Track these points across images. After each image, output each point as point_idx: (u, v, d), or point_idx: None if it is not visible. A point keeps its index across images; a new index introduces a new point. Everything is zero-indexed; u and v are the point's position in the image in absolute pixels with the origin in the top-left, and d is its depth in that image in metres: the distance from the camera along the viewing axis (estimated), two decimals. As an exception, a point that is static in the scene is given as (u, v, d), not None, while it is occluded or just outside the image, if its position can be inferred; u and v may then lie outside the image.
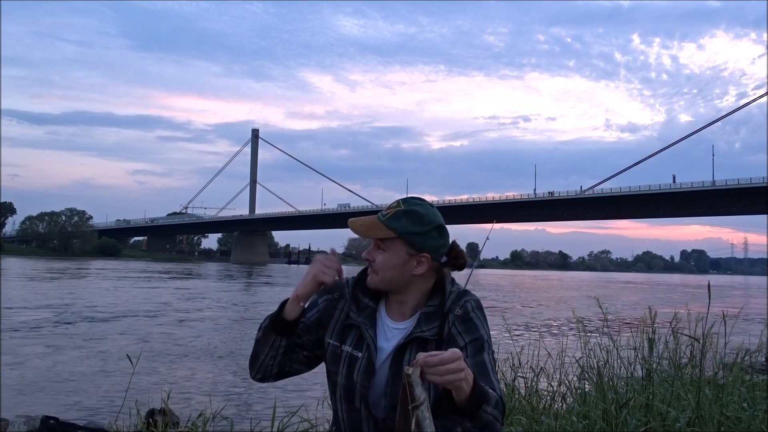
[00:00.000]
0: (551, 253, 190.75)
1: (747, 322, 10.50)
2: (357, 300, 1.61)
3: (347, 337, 1.58)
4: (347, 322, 1.59)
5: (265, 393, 7.37)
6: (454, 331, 1.52)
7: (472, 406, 1.33)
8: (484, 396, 1.36)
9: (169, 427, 3.73)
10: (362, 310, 1.59)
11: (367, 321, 1.57)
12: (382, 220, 1.53)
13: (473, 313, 1.54)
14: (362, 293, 1.62)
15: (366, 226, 1.54)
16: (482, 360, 1.50)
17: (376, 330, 1.57)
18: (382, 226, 1.52)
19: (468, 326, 1.53)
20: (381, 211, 1.57)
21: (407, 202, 1.56)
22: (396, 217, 1.53)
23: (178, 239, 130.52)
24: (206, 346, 11.17)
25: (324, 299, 1.64)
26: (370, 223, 1.54)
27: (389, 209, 1.55)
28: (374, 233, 1.53)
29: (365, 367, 1.53)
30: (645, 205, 72.61)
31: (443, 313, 1.54)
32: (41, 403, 6.56)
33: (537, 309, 21.89)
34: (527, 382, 3.67)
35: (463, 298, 1.56)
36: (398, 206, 1.54)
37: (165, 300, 21.52)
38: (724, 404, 2.88)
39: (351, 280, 1.66)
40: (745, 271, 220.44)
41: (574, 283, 56.75)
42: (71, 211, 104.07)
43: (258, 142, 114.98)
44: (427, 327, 1.53)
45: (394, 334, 1.56)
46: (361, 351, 1.55)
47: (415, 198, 1.59)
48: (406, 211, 1.53)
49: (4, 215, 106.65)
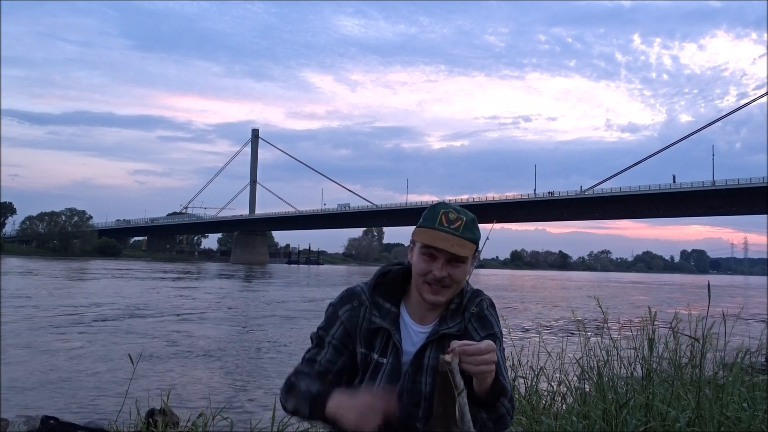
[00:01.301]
0: (551, 253, 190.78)
1: (747, 322, 10.50)
2: (378, 305, 1.60)
3: (374, 343, 1.58)
4: (371, 328, 1.58)
5: (265, 393, 7.38)
6: (470, 328, 1.56)
7: (491, 398, 1.38)
8: (503, 389, 1.41)
9: (169, 427, 3.73)
10: (385, 315, 1.58)
11: (392, 326, 1.57)
12: (460, 234, 1.50)
13: (487, 311, 1.59)
14: (382, 298, 1.60)
15: (458, 246, 1.50)
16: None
17: (400, 335, 1.57)
18: (467, 242, 1.51)
19: (483, 323, 1.57)
20: (437, 222, 1.52)
21: (460, 210, 1.55)
22: (469, 228, 1.53)
23: (178, 239, 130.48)
24: (206, 347, 11.16)
25: (345, 309, 1.61)
26: (458, 242, 1.50)
27: (454, 221, 1.52)
28: (465, 252, 1.50)
29: (389, 372, 1.53)
30: (645, 205, 72.58)
31: (462, 310, 1.58)
32: (41, 403, 6.56)
33: (537, 309, 21.88)
34: (527, 382, 3.67)
35: (479, 297, 1.61)
36: (460, 215, 1.53)
37: (165, 300, 21.52)
38: (724, 404, 2.88)
39: (366, 286, 1.64)
40: (745, 271, 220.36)
41: (576, 283, 56.74)
42: (71, 211, 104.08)
43: (258, 142, 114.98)
44: (453, 323, 1.56)
45: (420, 337, 1.57)
46: (386, 357, 1.55)
47: (452, 203, 1.59)
48: (472, 219, 1.55)
49: (4, 215, 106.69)
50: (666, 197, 68.13)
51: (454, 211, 1.53)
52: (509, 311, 19.57)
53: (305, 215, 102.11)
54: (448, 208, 1.54)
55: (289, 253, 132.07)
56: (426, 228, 1.52)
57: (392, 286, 1.61)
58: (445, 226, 1.51)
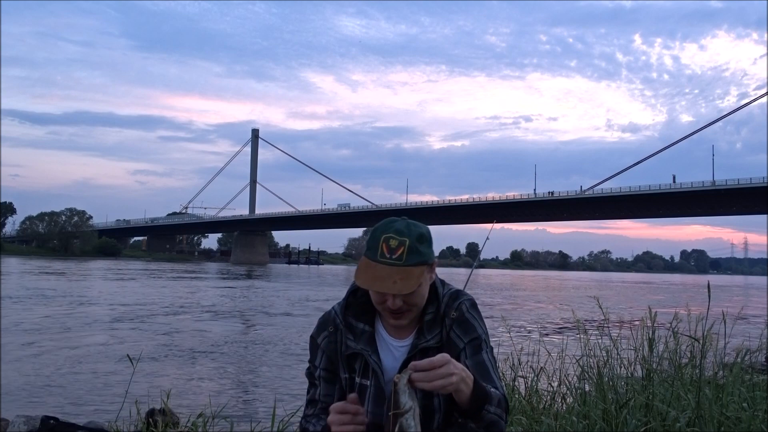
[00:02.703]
0: (551, 253, 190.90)
1: (747, 322, 10.50)
2: (351, 327, 1.55)
3: (354, 366, 1.54)
4: (348, 353, 1.54)
5: (265, 393, 7.38)
6: (452, 335, 1.50)
7: (474, 407, 1.33)
8: (486, 396, 1.36)
9: (169, 427, 3.73)
10: (359, 336, 1.53)
11: (368, 347, 1.52)
12: (404, 263, 1.40)
13: (469, 314, 1.52)
14: (354, 318, 1.55)
15: (402, 282, 1.39)
16: (482, 359, 1.49)
17: (379, 354, 1.53)
18: (413, 269, 1.41)
19: (466, 328, 1.51)
20: (378, 253, 1.42)
21: (402, 230, 1.44)
22: (413, 251, 1.42)
23: (178, 239, 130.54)
24: (207, 346, 11.16)
25: (322, 337, 1.58)
26: (400, 275, 1.39)
27: (396, 249, 1.41)
28: (411, 284, 1.40)
29: (374, 395, 1.50)
30: (645, 205, 72.60)
31: (441, 317, 1.52)
32: (41, 403, 6.56)
33: (537, 309, 21.88)
34: (527, 382, 3.67)
35: (458, 300, 1.53)
36: (402, 238, 1.42)
37: (164, 299, 21.52)
38: (724, 404, 2.88)
39: (338, 308, 1.59)
40: (745, 271, 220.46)
41: (581, 283, 56.62)
42: (71, 211, 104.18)
43: (258, 142, 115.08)
44: (430, 335, 1.50)
45: (401, 351, 1.53)
46: (368, 379, 1.51)
47: (396, 219, 1.49)
48: (418, 235, 1.44)
49: (4, 215, 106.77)
50: (666, 197, 68.15)
51: (395, 236, 1.42)
52: (510, 311, 19.56)
53: (305, 215, 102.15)
54: (389, 233, 1.43)
55: (289, 253, 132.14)
56: (368, 260, 1.43)
57: (364, 303, 1.55)
58: (387, 257, 1.40)
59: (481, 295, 27.80)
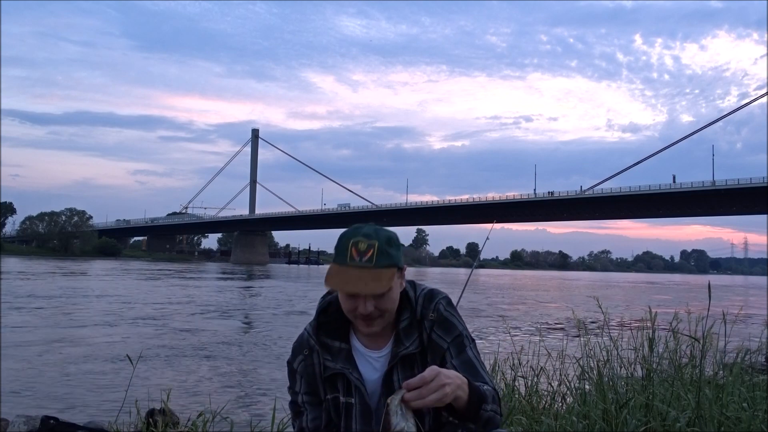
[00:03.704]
0: (551, 253, 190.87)
1: (747, 322, 10.50)
2: (327, 347, 1.53)
3: (337, 386, 1.52)
4: (327, 375, 1.52)
5: (265, 393, 7.38)
6: (434, 336, 1.49)
7: (472, 409, 1.34)
8: (481, 396, 1.36)
9: (169, 427, 3.73)
10: (336, 355, 1.52)
11: (348, 364, 1.50)
12: (374, 265, 1.39)
13: (447, 312, 1.51)
14: (329, 338, 1.53)
15: (374, 283, 1.37)
16: (467, 357, 1.49)
17: (359, 370, 1.51)
18: (384, 271, 1.40)
19: (447, 327, 1.49)
20: (347, 257, 1.40)
21: (371, 234, 1.42)
22: (383, 253, 1.40)
23: (178, 239, 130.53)
24: (207, 346, 11.16)
25: (298, 362, 1.56)
26: (371, 276, 1.38)
27: (365, 252, 1.40)
28: (383, 285, 1.39)
29: (361, 412, 1.49)
30: (645, 205, 72.59)
31: (418, 321, 1.50)
32: (41, 403, 6.55)
33: (537, 309, 21.88)
34: (527, 382, 3.67)
35: (433, 301, 1.51)
36: (371, 241, 1.41)
37: (164, 299, 21.52)
38: (724, 404, 2.88)
39: (309, 329, 1.57)
40: (745, 271, 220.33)
41: (585, 283, 56.49)
42: (71, 211, 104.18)
43: (258, 142, 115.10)
44: (409, 342, 1.48)
45: (381, 362, 1.51)
46: (353, 396, 1.49)
47: (364, 225, 1.47)
48: (387, 238, 1.43)
49: (4, 215, 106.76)
50: (666, 197, 68.15)
51: (363, 239, 1.41)
52: (510, 312, 19.56)
53: (305, 215, 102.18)
54: (357, 237, 1.42)
55: (289, 253, 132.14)
56: (338, 266, 1.41)
57: (336, 319, 1.53)
58: (357, 261, 1.39)
59: (481, 296, 27.79)
